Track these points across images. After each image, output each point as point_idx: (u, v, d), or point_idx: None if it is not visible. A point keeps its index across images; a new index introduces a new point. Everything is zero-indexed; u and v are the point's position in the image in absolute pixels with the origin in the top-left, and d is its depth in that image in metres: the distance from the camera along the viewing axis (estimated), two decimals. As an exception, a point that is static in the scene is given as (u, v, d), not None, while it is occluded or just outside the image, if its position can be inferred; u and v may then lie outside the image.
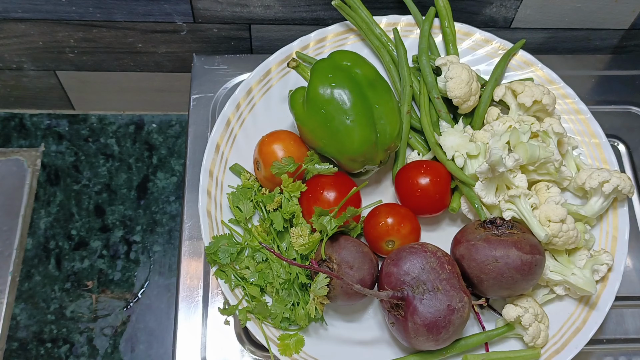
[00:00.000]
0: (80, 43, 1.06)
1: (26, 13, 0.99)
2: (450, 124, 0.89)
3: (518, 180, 0.81)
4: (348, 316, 0.82)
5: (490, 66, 0.95)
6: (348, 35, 0.97)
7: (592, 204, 0.83)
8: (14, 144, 1.13)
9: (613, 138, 0.99)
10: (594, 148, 0.89)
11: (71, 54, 1.08)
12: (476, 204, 0.82)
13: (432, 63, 0.92)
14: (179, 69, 1.14)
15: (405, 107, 0.89)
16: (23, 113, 1.15)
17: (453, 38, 0.95)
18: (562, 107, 0.92)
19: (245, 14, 1.00)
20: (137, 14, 1.00)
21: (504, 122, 0.86)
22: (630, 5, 1.00)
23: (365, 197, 0.88)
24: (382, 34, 0.95)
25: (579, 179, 0.84)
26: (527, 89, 0.87)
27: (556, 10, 1.01)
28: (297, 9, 0.99)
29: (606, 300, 0.80)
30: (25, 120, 1.18)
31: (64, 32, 1.03)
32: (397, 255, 0.76)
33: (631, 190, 0.83)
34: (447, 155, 0.85)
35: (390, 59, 0.94)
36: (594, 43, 1.09)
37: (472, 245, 0.76)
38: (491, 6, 1.00)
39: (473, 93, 0.88)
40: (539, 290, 0.82)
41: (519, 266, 0.74)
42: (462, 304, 0.73)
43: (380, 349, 0.80)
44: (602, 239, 0.84)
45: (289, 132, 0.86)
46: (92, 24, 1.02)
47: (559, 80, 0.93)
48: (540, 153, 0.81)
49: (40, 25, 1.02)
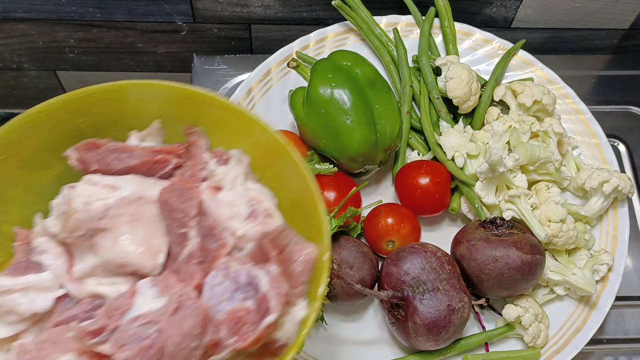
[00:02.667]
0: (80, 43, 1.06)
1: (26, 13, 0.99)
2: (450, 124, 0.89)
3: (518, 180, 0.81)
4: (348, 316, 0.82)
5: (491, 66, 0.95)
6: (348, 35, 0.97)
7: (592, 204, 0.83)
8: (14, 144, 1.13)
9: (613, 138, 0.99)
10: (594, 148, 0.89)
11: (71, 54, 1.08)
12: (476, 204, 0.82)
13: (432, 63, 0.92)
14: (179, 69, 1.14)
15: (405, 107, 0.89)
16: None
17: (453, 38, 0.95)
18: (562, 107, 0.92)
19: (245, 14, 1.00)
20: (137, 14, 1.00)
21: (504, 122, 0.86)
22: (631, 5, 1.00)
23: (365, 197, 0.88)
24: (382, 34, 0.95)
25: (579, 179, 0.84)
26: (527, 89, 0.87)
27: (556, 10, 1.01)
28: (297, 9, 0.99)
29: (606, 300, 0.80)
30: (25, 120, 1.18)
31: (64, 32, 1.03)
32: (397, 255, 0.76)
33: (631, 190, 0.83)
34: (447, 155, 0.85)
35: (390, 59, 0.94)
36: (594, 43, 1.09)
37: (472, 245, 0.76)
38: (491, 6, 1.00)
39: (473, 93, 0.88)
40: (539, 290, 0.82)
41: (519, 266, 0.74)
42: (462, 304, 0.73)
43: (380, 349, 0.80)
44: (602, 239, 0.84)
45: (289, 132, 0.86)
46: (92, 24, 1.02)
47: (559, 80, 0.93)
48: (540, 153, 0.81)
49: (40, 25, 1.02)
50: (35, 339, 0.53)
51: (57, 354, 0.51)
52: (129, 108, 0.63)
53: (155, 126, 0.64)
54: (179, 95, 0.62)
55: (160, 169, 0.61)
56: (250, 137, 0.62)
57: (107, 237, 0.55)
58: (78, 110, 0.61)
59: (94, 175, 0.58)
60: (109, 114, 0.62)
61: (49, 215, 0.59)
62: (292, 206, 0.61)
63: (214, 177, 0.60)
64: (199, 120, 0.63)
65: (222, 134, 0.63)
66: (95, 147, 0.60)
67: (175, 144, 0.63)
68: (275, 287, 0.52)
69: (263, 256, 0.55)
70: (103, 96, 0.61)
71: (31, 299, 0.55)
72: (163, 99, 0.63)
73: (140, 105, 0.63)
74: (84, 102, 0.61)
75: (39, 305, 0.55)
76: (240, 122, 0.61)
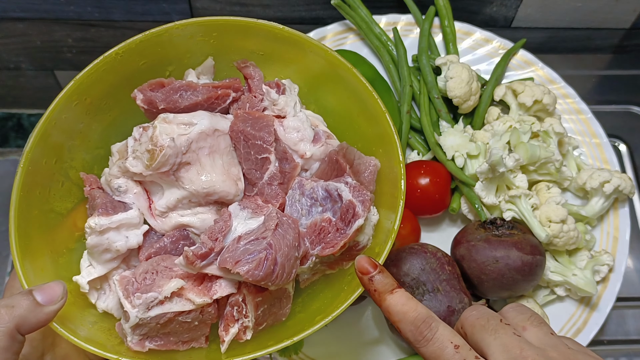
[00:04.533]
0: (78, 42, 1.06)
1: (24, 12, 0.99)
2: (450, 124, 0.88)
3: (518, 180, 0.81)
4: (348, 317, 0.81)
5: (491, 66, 0.94)
6: (347, 35, 0.96)
7: (593, 205, 0.83)
8: (11, 144, 1.12)
9: (614, 138, 0.98)
10: (594, 148, 0.89)
11: (69, 54, 1.08)
12: (476, 205, 0.82)
13: (432, 62, 0.92)
14: (177, 68, 1.14)
15: (405, 107, 0.89)
16: (21, 113, 1.15)
17: (453, 37, 0.95)
18: (563, 107, 0.91)
19: (244, 14, 1.00)
20: (136, 14, 0.99)
21: (505, 122, 0.85)
22: (631, 5, 1.00)
23: (365, 197, 0.87)
24: (381, 33, 0.94)
25: (580, 179, 0.83)
26: (527, 88, 0.87)
27: (557, 10, 1.01)
28: (296, 8, 0.99)
29: (607, 301, 0.80)
30: (23, 121, 1.18)
31: (62, 32, 1.03)
32: (397, 256, 0.76)
33: (632, 191, 0.82)
34: (447, 155, 0.84)
35: (390, 59, 0.94)
36: (595, 42, 1.08)
37: (472, 245, 0.76)
38: (491, 5, 1.00)
39: (473, 93, 0.87)
40: (540, 291, 0.82)
41: (520, 267, 0.74)
42: (462, 304, 0.73)
43: (380, 349, 0.80)
44: (602, 239, 0.84)
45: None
46: (91, 23, 1.01)
47: (559, 79, 0.93)
48: (540, 153, 0.81)
49: (38, 25, 1.01)
50: (134, 272, 0.57)
51: (163, 280, 0.55)
52: (186, 46, 0.66)
53: (209, 62, 0.67)
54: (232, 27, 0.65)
55: (221, 103, 0.65)
56: (301, 64, 0.66)
57: (191, 170, 0.59)
58: (144, 51, 0.64)
59: (168, 114, 0.61)
60: (167, 54, 0.65)
61: (112, 158, 0.63)
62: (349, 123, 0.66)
63: (275, 106, 0.64)
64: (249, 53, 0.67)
65: (272, 66, 0.67)
66: (161, 86, 0.63)
67: (230, 79, 0.66)
68: (358, 195, 0.57)
69: (335, 171, 0.61)
70: (170, 35, 0.64)
71: (125, 236, 0.59)
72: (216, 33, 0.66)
73: (193, 43, 0.65)
74: (151, 42, 0.64)
75: (133, 241, 0.59)
76: (292, 48, 0.65)
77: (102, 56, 0.62)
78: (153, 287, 0.54)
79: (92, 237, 0.58)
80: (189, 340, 0.57)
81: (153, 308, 0.53)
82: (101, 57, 0.62)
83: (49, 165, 0.61)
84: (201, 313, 0.56)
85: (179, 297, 0.54)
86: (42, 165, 0.60)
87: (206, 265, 0.54)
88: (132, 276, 0.56)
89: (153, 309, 0.53)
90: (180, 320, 0.55)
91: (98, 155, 0.65)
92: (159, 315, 0.53)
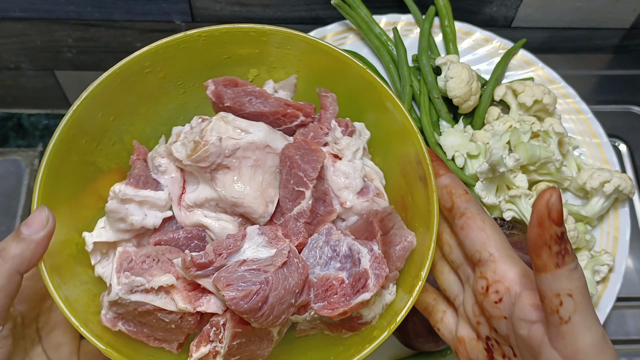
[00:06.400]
0: (78, 42, 1.05)
1: (24, 12, 0.99)
2: (451, 124, 0.88)
3: (518, 180, 0.81)
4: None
5: (491, 65, 0.94)
6: (347, 35, 0.96)
7: (593, 205, 0.83)
8: (11, 144, 1.12)
9: (614, 138, 0.98)
10: (594, 148, 0.89)
11: (69, 54, 1.08)
12: (476, 205, 0.82)
13: (432, 62, 0.92)
14: (177, 68, 1.14)
15: (405, 107, 0.89)
16: (21, 113, 1.15)
17: (453, 37, 0.95)
18: (563, 107, 0.91)
19: (244, 13, 1.00)
20: (136, 13, 0.99)
21: (505, 122, 0.85)
22: (632, 5, 1.00)
23: (365, 197, 0.87)
24: (381, 33, 0.94)
25: (580, 179, 0.83)
26: (527, 88, 0.87)
27: (557, 10, 1.01)
28: (296, 8, 0.99)
29: (607, 301, 0.80)
30: (23, 120, 1.18)
31: (62, 32, 1.03)
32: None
33: (632, 191, 0.82)
34: (447, 155, 0.84)
35: (390, 59, 0.94)
36: (595, 42, 1.08)
37: (472, 245, 0.76)
38: (491, 5, 1.00)
39: (473, 93, 0.87)
40: (540, 291, 0.81)
41: (520, 267, 0.74)
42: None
43: (381, 349, 0.79)
44: (603, 239, 0.84)
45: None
46: (91, 23, 1.01)
47: (559, 79, 0.93)
48: (541, 153, 0.81)
49: (38, 25, 1.01)
50: (138, 251, 0.55)
51: (158, 271, 0.53)
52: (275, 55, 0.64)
53: (291, 80, 0.65)
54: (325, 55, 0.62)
55: (287, 122, 0.62)
56: (380, 115, 0.63)
57: (228, 175, 0.57)
58: (230, 42, 0.62)
59: (229, 114, 0.59)
60: (252, 58, 0.64)
61: (169, 139, 0.62)
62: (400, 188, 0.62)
63: (335, 145, 0.61)
64: (335, 86, 0.64)
65: (352, 106, 0.64)
66: (234, 84, 0.62)
67: (305, 103, 0.63)
68: (376, 267, 0.53)
69: (367, 233, 0.57)
70: (258, 35, 0.62)
71: (144, 214, 0.58)
72: (308, 54, 0.63)
73: (282, 54, 0.64)
74: (239, 37, 0.62)
75: (150, 221, 0.58)
76: (375, 98, 0.62)
77: (183, 33, 0.60)
78: (146, 273, 0.53)
79: (112, 201, 0.57)
80: (161, 339, 0.56)
81: (136, 293, 0.52)
82: (182, 33, 0.60)
83: (104, 120, 0.59)
84: (181, 319, 0.54)
85: (165, 294, 0.53)
86: (97, 117, 0.58)
87: (201, 276, 0.52)
88: (133, 254, 0.55)
89: (135, 294, 0.52)
90: (159, 317, 0.53)
91: (159, 132, 0.64)
92: (139, 303, 0.52)
